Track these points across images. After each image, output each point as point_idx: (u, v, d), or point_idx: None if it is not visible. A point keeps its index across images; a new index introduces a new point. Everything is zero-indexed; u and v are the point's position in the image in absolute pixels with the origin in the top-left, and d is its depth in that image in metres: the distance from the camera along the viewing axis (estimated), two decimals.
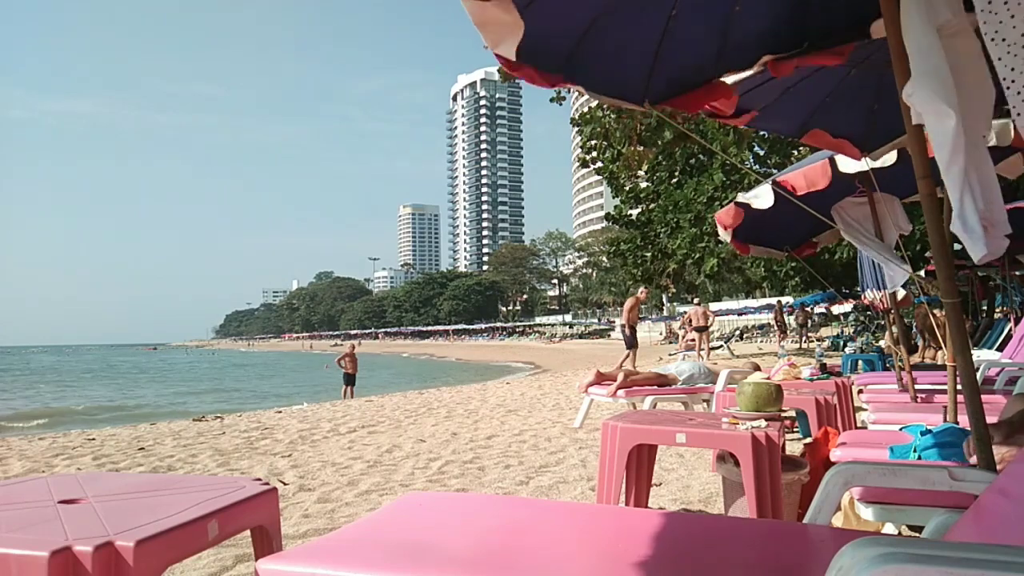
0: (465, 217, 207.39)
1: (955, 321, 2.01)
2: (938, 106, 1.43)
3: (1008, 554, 0.82)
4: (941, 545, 0.99)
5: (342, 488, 4.69)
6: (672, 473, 4.79)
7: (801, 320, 27.00)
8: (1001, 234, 1.44)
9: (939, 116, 1.43)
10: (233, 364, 56.63)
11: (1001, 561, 0.79)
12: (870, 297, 5.21)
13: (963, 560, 0.79)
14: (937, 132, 1.45)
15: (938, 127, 1.44)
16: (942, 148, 1.44)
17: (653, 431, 3.12)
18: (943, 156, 1.44)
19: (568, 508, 2.39)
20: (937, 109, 1.43)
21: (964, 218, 1.43)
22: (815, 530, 1.68)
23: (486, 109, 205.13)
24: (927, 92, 1.45)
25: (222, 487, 2.00)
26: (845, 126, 3.45)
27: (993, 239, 1.43)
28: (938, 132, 1.45)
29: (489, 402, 10.72)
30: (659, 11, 2.22)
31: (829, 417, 4.48)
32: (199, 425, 8.91)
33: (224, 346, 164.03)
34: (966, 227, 1.43)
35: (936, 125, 1.45)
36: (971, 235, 1.43)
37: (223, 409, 13.94)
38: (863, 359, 9.43)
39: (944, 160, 1.44)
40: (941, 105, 1.43)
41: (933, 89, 1.44)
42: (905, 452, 2.59)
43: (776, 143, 19.07)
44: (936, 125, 1.45)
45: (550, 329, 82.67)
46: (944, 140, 1.43)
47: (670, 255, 21.49)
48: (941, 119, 1.43)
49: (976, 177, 1.42)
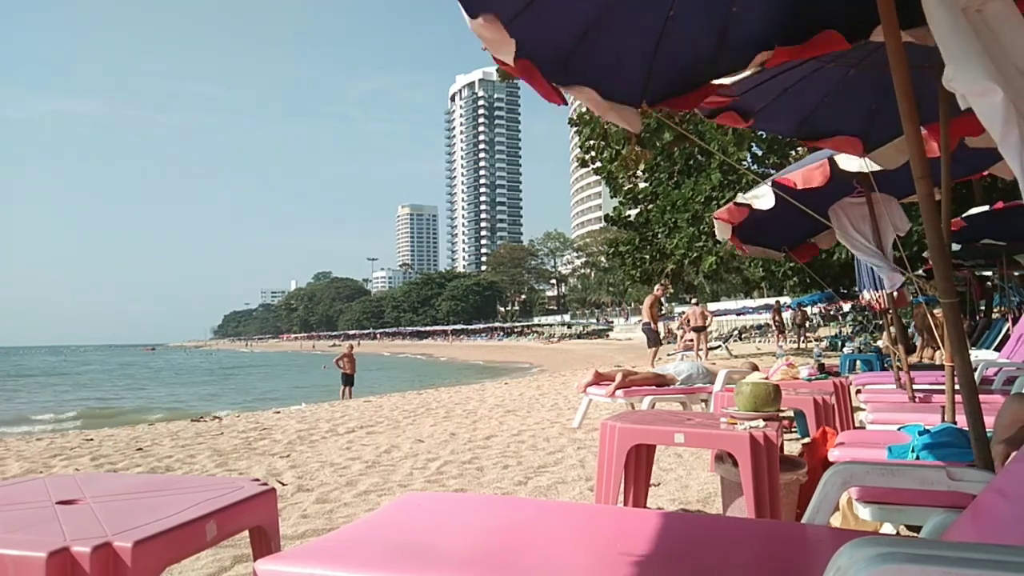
0: (463, 217, 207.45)
1: (953, 321, 2.02)
2: (981, 84, 1.42)
3: (1006, 554, 0.82)
4: (939, 545, 0.99)
5: (340, 488, 4.69)
6: (670, 473, 4.79)
7: (799, 320, 27.03)
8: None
9: (984, 95, 1.41)
10: (231, 364, 56.61)
11: (999, 561, 0.79)
12: (868, 297, 5.22)
13: (961, 560, 0.79)
14: (986, 111, 1.43)
15: (985, 106, 1.42)
16: (994, 124, 1.41)
17: (651, 431, 3.13)
18: (996, 131, 1.41)
19: (566, 508, 2.40)
20: (981, 88, 1.42)
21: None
22: (813, 530, 1.69)
23: (484, 109, 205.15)
24: (967, 74, 1.44)
25: (220, 487, 2.00)
26: (845, 126, 3.45)
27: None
28: (986, 111, 1.42)
29: (487, 402, 10.72)
30: (657, 13, 2.22)
31: (827, 417, 4.48)
32: (197, 425, 8.90)
33: (222, 346, 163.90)
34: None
35: (983, 104, 1.42)
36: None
37: (221, 409, 13.94)
38: (861, 359, 9.44)
39: (998, 135, 1.41)
40: (984, 82, 1.41)
41: (972, 69, 1.43)
42: (903, 452, 2.59)
43: (774, 143, 19.09)
44: (983, 104, 1.42)
45: (548, 329, 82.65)
46: (995, 116, 1.40)
47: (668, 255, 21.51)
48: (987, 97, 1.41)
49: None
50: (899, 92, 1.88)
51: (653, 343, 14.58)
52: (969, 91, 1.43)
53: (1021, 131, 1.37)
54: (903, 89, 1.87)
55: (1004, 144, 1.40)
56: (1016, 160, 1.38)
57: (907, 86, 1.87)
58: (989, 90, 1.40)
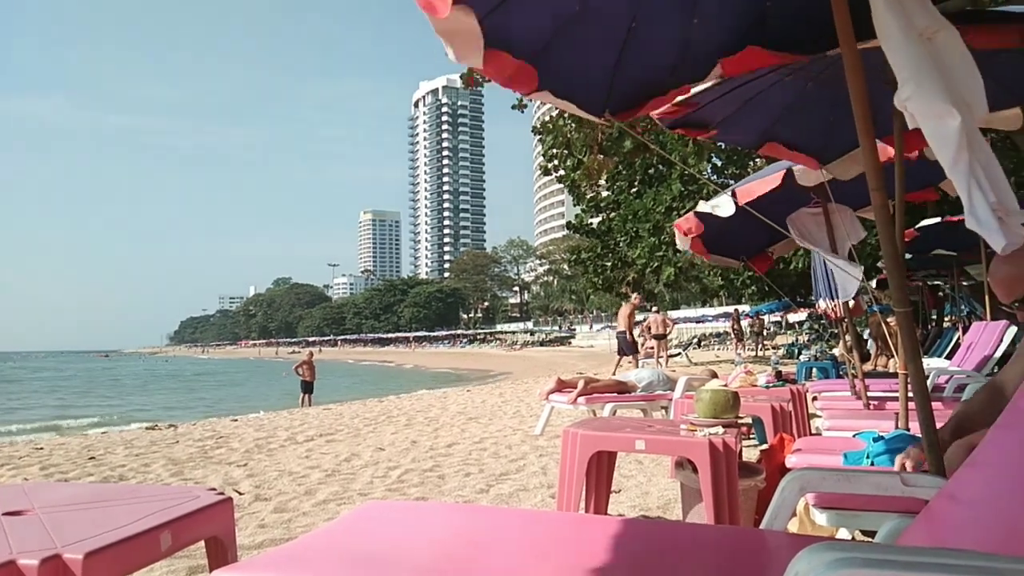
0: (426, 224, 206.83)
1: (907, 330, 2.06)
2: (939, 107, 1.44)
3: (957, 558, 0.84)
4: (894, 550, 1.01)
5: (299, 498, 4.62)
6: (631, 480, 4.81)
7: (757, 328, 27.46)
8: (1018, 222, 1.44)
9: (940, 118, 1.44)
10: (188, 371, 55.53)
11: (951, 565, 0.81)
12: (823, 306, 5.31)
13: (915, 564, 0.80)
14: (939, 134, 1.45)
15: (940, 129, 1.45)
16: (946, 148, 1.44)
17: (613, 438, 3.14)
18: (947, 156, 1.44)
19: (528, 516, 2.39)
20: (939, 111, 1.44)
21: (976, 213, 1.42)
22: (772, 536, 1.71)
23: (448, 116, 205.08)
24: (925, 96, 1.46)
25: (175, 497, 1.96)
26: (802, 139, 3.52)
27: (1011, 229, 1.43)
28: (940, 134, 1.45)
29: (450, 410, 10.67)
30: (619, 22, 2.24)
31: (784, 424, 4.55)
32: (152, 433, 8.70)
33: (179, 353, 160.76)
34: (980, 222, 1.42)
35: (938, 127, 1.45)
36: (986, 228, 1.42)
37: (177, 417, 13.65)
38: (817, 367, 9.58)
39: (949, 159, 1.44)
40: (942, 105, 1.44)
41: (931, 92, 1.46)
42: (858, 458, 2.64)
43: (734, 154, 19.42)
44: (938, 127, 1.45)
45: (511, 336, 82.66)
46: (948, 140, 1.43)
47: (630, 264, 21.71)
48: (943, 120, 1.44)
49: (982, 171, 1.42)
50: (856, 106, 1.92)
51: (627, 352, 14.66)
52: (925, 113, 1.47)
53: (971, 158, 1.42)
54: (860, 103, 1.91)
55: (954, 169, 1.44)
56: (964, 185, 1.42)
57: (864, 100, 1.91)
58: (947, 114, 1.43)
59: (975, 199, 1.41)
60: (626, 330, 14.67)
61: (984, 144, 1.46)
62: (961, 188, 1.43)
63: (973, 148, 1.42)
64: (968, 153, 1.41)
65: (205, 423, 10.25)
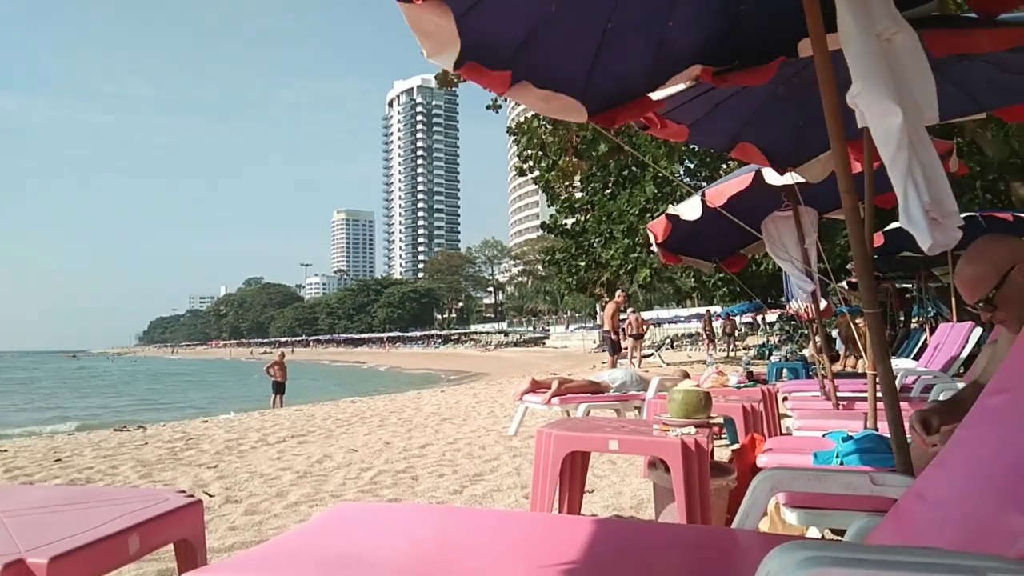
0: (401, 224, 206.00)
1: (876, 331, 2.09)
2: (884, 105, 1.47)
3: (926, 556, 0.86)
4: (864, 548, 1.03)
5: (270, 499, 4.58)
6: (604, 480, 4.83)
7: (728, 329, 27.70)
8: (954, 226, 1.46)
9: (884, 115, 1.47)
10: (158, 372, 54.76)
11: (919, 563, 0.82)
12: (795, 307, 5.38)
13: (884, 563, 0.81)
14: (881, 130, 1.48)
15: (883, 125, 1.47)
16: (887, 145, 1.46)
17: (586, 438, 3.15)
18: (888, 153, 1.47)
19: (502, 517, 2.39)
20: (883, 108, 1.47)
21: (909, 212, 1.45)
22: (743, 535, 1.72)
23: (423, 116, 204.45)
24: (872, 93, 1.49)
25: (144, 499, 1.93)
26: (772, 142, 3.56)
27: (944, 231, 1.45)
28: (882, 130, 1.48)
29: (423, 410, 10.64)
30: (595, 24, 2.25)
31: (756, 424, 4.60)
32: (120, 435, 8.56)
33: (148, 353, 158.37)
34: (911, 220, 1.45)
35: (881, 124, 1.48)
36: (916, 227, 1.45)
37: (146, 418, 13.45)
38: (787, 367, 9.69)
39: (888, 156, 1.47)
40: (886, 103, 1.47)
41: (878, 89, 1.48)
42: (828, 458, 2.67)
43: (706, 157, 19.60)
44: (881, 124, 1.48)
45: (485, 337, 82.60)
46: (889, 137, 1.46)
47: (604, 265, 21.82)
48: (886, 117, 1.47)
49: (921, 172, 1.45)
50: (827, 110, 1.94)
51: (614, 351, 14.70)
52: (870, 109, 1.49)
53: (910, 156, 1.44)
54: (831, 107, 1.93)
55: (893, 166, 1.46)
56: (900, 183, 1.45)
57: (835, 103, 1.93)
58: (890, 111, 1.46)
59: (910, 198, 1.44)
60: (611, 329, 14.72)
61: (928, 146, 1.49)
62: (897, 185, 1.46)
63: (915, 148, 1.45)
64: (908, 152, 1.44)
65: (175, 424, 10.11)
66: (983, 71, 2.70)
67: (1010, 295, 1.90)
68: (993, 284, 1.91)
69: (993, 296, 1.92)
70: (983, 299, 1.95)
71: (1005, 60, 2.60)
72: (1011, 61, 2.61)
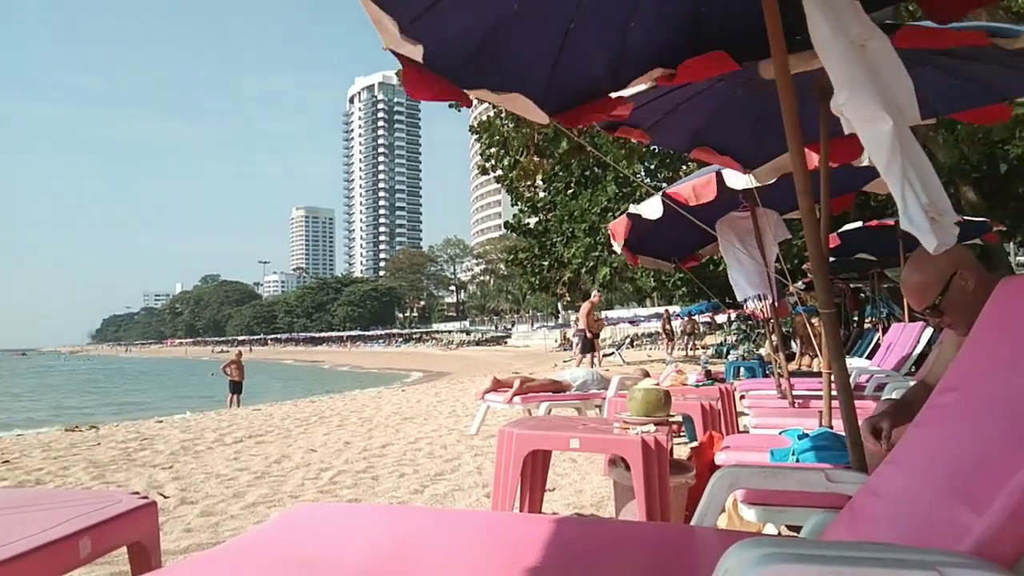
0: (361, 221, 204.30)
1: (831, 330, 2.13)
2: (872, 112, 1.48)
3: (879, 551, 0.87)
4: (819, 545, 1.04)
5: (227, 500, 4.50)
6: (565, 478, 4.85)
7: (687, 329, 28.01)
8: (951, 223, 1.48)
9: (874, 122, 1.48)
10: (111, 371, 53.50)
11: (873, 558, 0.83)
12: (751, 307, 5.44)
13: (839, 558, 0.83)
14: (873, 138, 1.49)
15: (874, 133, 1.48)
16: (880, 151, 1.47)
17: (548, 437, 3.16)
18: (881, 159, 1.47)
19: (463, 516, 2.38)
20: (872, 115, 1.48)
21: (909, 215, 1.46)
22: (702, 532, 1.74)
23: (384, 112, 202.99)
24: (859, 100, 1.50)
25: (96, 501, 1.89)
26: (731, 143, 3.60)
27: (943, 229, 1.46)
28: (874, 138, 1.48)
29: (384, 410, 10.56)
30: (557, 25, 2.25)
31: (714, 422, 4.65)
32: (72, 435, 8.35)
33: (101, 352, 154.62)
34: (913, 222, 1.46)
35: (872, 131, 1.48)
36: (919, 229, 1.46)
37: (99, 418, 13.13)
38: (745, 366, 9.81)
39: (883, 162, 1.47)
40: (875, 110, 1.48)
41: (865, 97, 1.49)
42: (784, 455, 2.72)
43: (666, 158, 19.78)
44: (872, 131, 1.48)
45: (448, 336, 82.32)
46: (882, 143, 1.47)
47: (566, 264, 21.91)
48: (876, 124, 1.47)
49: (915, 173, 1.46)
50: (785, 113, 1.97)
51: (587, 350, 14.74)
52: (859, 118, 1.51)
53: (903, 160, 1.46)
54: (789, 109, 1.96)
55: (888, 171, 1.47)
56: (898, 187, 1.46)
57: (793, 107, 1.96)
58: (879, 118, 1.47)
59: (908, 200, 1.45)
60: (586, 327, 14.77)
61: (916, 147, 1.51)
62: (895, 190, 1.47)
63: (906, 151, 1.46)
64: (901, 156, 1.45)
65: (128, 424, 9.89)
66: (935, 78, 2.77)
67: (955, 300, 1.94)
68: (938, 291, 1.96)
69: (940, 302, 1.97)
70: (929, 306, 1.99)
71: (956, 67, 2.68)
72: (961, 68, 2.68)
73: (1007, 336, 1.23)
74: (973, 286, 1.91)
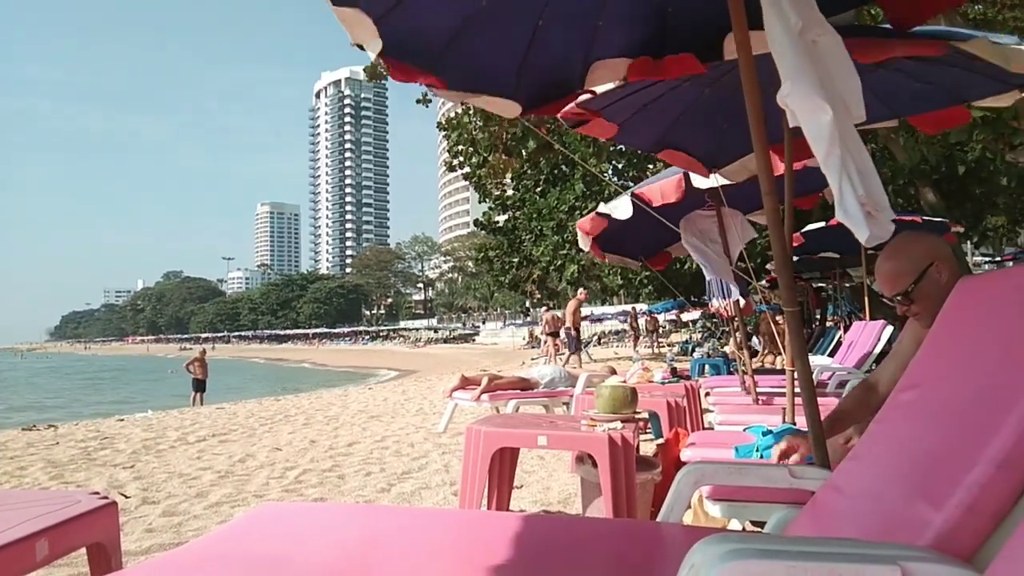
0: (327, 218, 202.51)
1: (795, 328, 2.16)
2: (813, 102, 1.50)
3: (841, 546, 0.89)
4: (784, 540, 1.06)
5: (190, 500, 4.44)
6: (533, 475, 4.86)
7: (651, 327, 28.25)
8: (887, 219, 1.50)
9: (814, 112, 1.50)
10: (70, 369, 52.38)
11: (835, 553, 0.85)
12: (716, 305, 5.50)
13: (802, 554, 0.84)
14: (813, 128, 1.51)
15: (814, 123, 1.50)
16: (819, 142, 1.49)
17: (516, 434, 3.16)
18: (821, 150, 1.50)
19: (430, 514, 2.37)
20: (813, 105, 1.50)
21: (845, 206, 1.48)
22: (668, 528, 1.75)
23: (351, 108, 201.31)
24: (801, 91, 1.52)
25: (54, 502, 1.85)
26: (697, 144, 3.63)
27: (878, 223, 1.48)
28: (814, 128, 1.51)
29: (350, 408, 10.49)
30: (526, 20, 2.25)
31: (679, 418, 4.69)
32: (29, 435, 8.15)
33: (60, 349, 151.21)
34: (848, 214, 1.48)
35: (812, 121, 1.51)
36: (853, 221, 1.48)
37: (57, 417, 12.84)
38: (710, 363, 9.92)
39: (822, 153, 1.49)
40: (816, 100, 1.50)
41: (806, 88, 1.51)
42: (748, 451, 2.75)
43: (633, 157, 19.95)
44: (812, 121, 1.51)
45: (415, 334, 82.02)
46: (821, 134, 1.49)
47: (535, 261, 21.97)
48: (816, 115, 1.50)
49: (854, 166, 1.48)
50: (751, 113, 1.99)
51: (575, 349, 14.73)
52: (801, 108, 1.53)
53: (842, 152, 1.49)
54: (754, 109, 1.99)
55: (827, 163, 1.50)
56: (835, 178, 1.49)
57: (758, 106, 1.98)
58: (820, 108, 1.50)
59: (845, 192, 1.48)
60: (572, 325, 14.78)
61: (858, 141, 1.54)
62: (832, 181, 1.50)
63: (846, 144, 1.49)
64: (840, 148, 1.48)
65: (88, 423, 9.68)
66: (896, 80, 2.82)
67: (926, 291, 1.98)
68: (912, 279, 2.00)
69: (911, 290, 2.00)
70: (901, 292, 2.03)
71: (917, 70, 2.73)
72: (922, 71, 2.74)
73: (965, 334, 1.26)
74: (946, 279, 1.95)
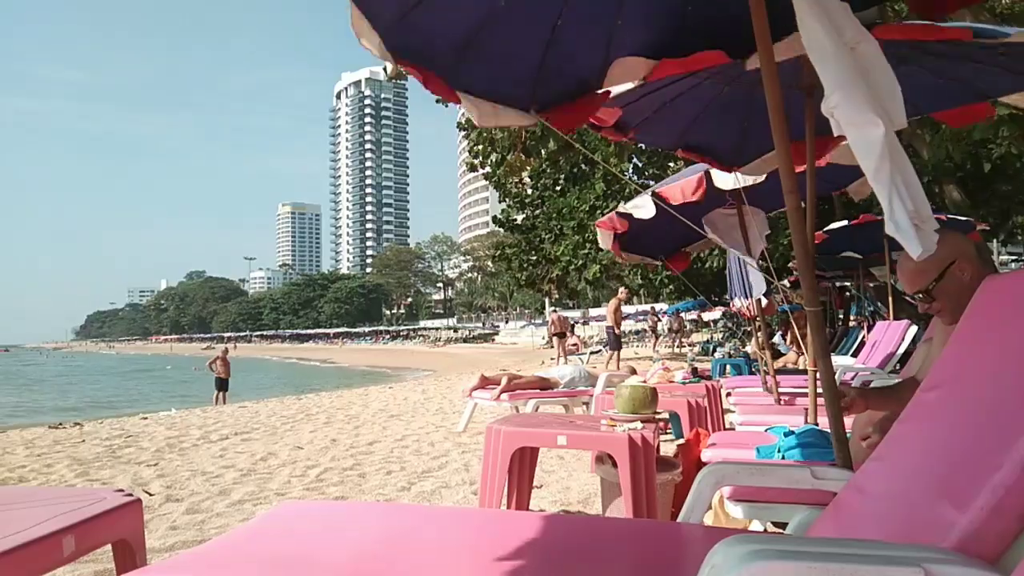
0: (348, 218, 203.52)
1: (816, 328, 2.14)
2: (865, 116, 1.48)
3: (863, 548, 0.88)
4: (805, 541, 1.05)
5: (213, 498, 4.48)
6: (552, 475, 4.86)
7: (677, 326, 28.11)
8: (931, 230, 1.49)
9: (865, 126, 1.48)
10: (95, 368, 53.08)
11: (857, 555, 0.84)
12: (738, 305, 5.48)
13: (824, 555, 0.83)
14: (862, 143, 1.49)
15: (864, 137, 1.48)
16: (869, 157, 1.47)
17: (535, 434, 3.16)
18: (870, 164, 1.48)
19: (449, 513, 2.38)
20: (864, 120, 1.48)
21: (896, 220, 1.46)
22: (689, 529, 1.74)
23: (371, 108, 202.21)
24: (851, 104, 1.50)
25: (80, 499, 1.87)
26: (718, 141, 3.61)
27: (926, 236, 1.47)
28: (863, 143, 1.49)
29: (371, 407, 10.54)
30: (544, 20, 2.25)
31: (700, 419, 4.67)
32: (56, 432, 8.28)
33: (85, 348, 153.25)
34: (899, 228, 1.46)
35: (862, 136, 1.48)
36: (904, 235, 1.46)
37: (83, 415, 13.03)
38: (731, 363, 9.85)
39: (872, 167, 1.47)
40: (868, 115, 1.48)
41: (856, 101, 1.50)
42: (770, 452, 2.73)
43: (654, 156, 19.81)
44: (862, 136, 1.48)
45: (435, 333, 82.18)
46: (872, 148, 1.47)
47: (554, 261, 21.92)
48: (867, 128, 1.47)
49: (901, 179, 1.47)
50: (772, 111, 1.98)
51: (615, 347, 14.72)
52: (850, 121, 1.51)
53: (892, 166, 1.47)
54: (775, 107, 1.97)
55: (876, 177, 1.48)
56: (885, 193, 1.47)
57: (779, 105, 1.97)
58: (871, 123, 1.48)
59: (895, 207, 1.46)
60: (613, 324, 14.76)
61: (902, 153, 1.51)
62: (883, 196, 1.47)
63: (894, 157, 1.47)
64: (890, 162, 1.46)
65: (113, 421, 9.81)
66: (920, 76, 2.79)
67: (949, 288, 1.97)
68: (934, 276, 1.98)
69: (933, 287, 1.99)
70: (923, 290, 2.01)
71: (939, 67, 2.69)
72: (945, 68, 2.70)
73: (990, 334, 1.24)
74: (968, 278, 1.94)
